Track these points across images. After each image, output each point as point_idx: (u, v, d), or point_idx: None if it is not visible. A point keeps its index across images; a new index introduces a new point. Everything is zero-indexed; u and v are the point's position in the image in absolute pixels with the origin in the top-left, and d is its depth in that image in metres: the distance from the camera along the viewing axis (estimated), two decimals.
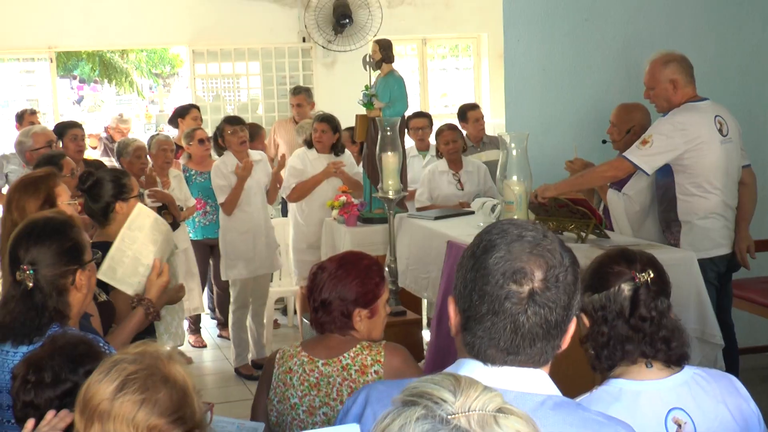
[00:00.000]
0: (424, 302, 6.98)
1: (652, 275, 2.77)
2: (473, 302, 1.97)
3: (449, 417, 1.41)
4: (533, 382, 1.99)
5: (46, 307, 3.25)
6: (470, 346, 2.01)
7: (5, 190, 8.17)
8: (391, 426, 1.44)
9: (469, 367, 2.01)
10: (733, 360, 5.68)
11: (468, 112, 9.40)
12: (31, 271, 3.26)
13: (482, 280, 1.96)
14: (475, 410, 1.42)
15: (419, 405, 1.44)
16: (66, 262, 3.30)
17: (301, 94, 9.96)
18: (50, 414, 2.48)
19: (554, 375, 2.05)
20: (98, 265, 3.67)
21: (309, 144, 8.20)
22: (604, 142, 6.44)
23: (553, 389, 2.01)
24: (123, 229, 4.37)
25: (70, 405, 2.43)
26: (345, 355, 3.41)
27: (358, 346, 3.42)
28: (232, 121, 8.14)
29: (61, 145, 8.29)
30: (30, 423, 2.48)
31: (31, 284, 3.25)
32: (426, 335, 6.43)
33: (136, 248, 4.28)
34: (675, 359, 2.71)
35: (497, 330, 1.95)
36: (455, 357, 4.86)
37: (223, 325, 9.14)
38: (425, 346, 6.22)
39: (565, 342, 2.03)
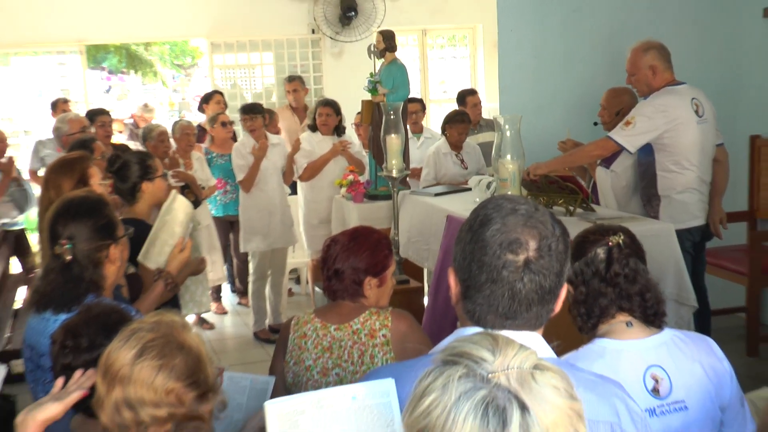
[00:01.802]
0: (425, 272, 6.99)
1: (622, 238, 2.81)
2: (472, 272, 1.99)
3: (489, 375, 1.42)
4: (530, 345, 1.93)
5: (83, 278, 3.29)
6: (471, 313, 2.03)
7: (41, 172, 8.23)
8: (434, 384, 1.44)
9: (471, 333, 1.96)
10: (705, 320, 5.78)
11: (466, 97, 9.39)
12: (69, 246, 3.28)
13: (480, 251, 1.97)
14: (514, 368, 1.43)
15: (460, 364, 1.45)
16: (101, 237, 3.34)
17: (295, 81, 10.00)
18: (78, 373, 2.49)
19: (547, 338, 2.08)
20: (130, 240, 3.70)
21: (313, 128, 8.24)
22: (595, 124, 6.47)
23: (548, 351, 2.03)
24: (160, 216, 4.40)
25: None
26: (355, 320, 3.43)
27: (367, 312, 3.44)
28: (246, 110, 8.15)
29: (93, 130, 8.32)
30: (59, 381, 2.49)
31: (69, 257, 3.28)
32: (426, 302, 6.46)
33: (167, 232, 4.31)
34: (652, 315, 2.74)
35: (496, 297, 1.96)
36: (451, 322, 4.90)
37: (242, 293, 9.19)
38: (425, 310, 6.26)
39: (558, 306, 2.05)
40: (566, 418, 1.42)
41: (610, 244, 2.78)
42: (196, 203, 7.43)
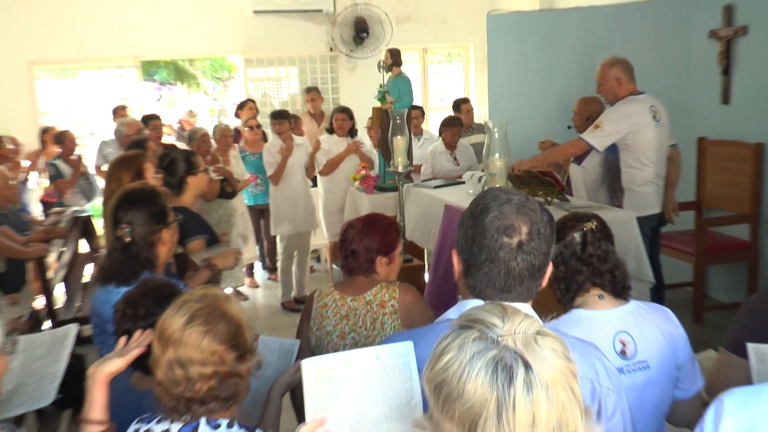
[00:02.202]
0: (425, 252, 7.00)
1: (595, 224, 2.80)
2: (474, 253, 2.00)
3: (499, 338, 1.45)
4: None
5: (140, 257, 3.31)
6: (472, 288, 2.04)
7: (104, 167, 8.23)
8: (451, 345, 1.46)
9: (471, 305, 2.00)
10: (660, 293, 5.78)
11: (461, 104, 9.37)
12: (129, 229, 3.31)
13: (480, 235, 1.98)
14: (519, 333, 1.46)
15: (474, 329, 1.47)
16: (155, 223, 3.36)
17: (313, 92, 9.90)
18: (137, 333, 2.50)
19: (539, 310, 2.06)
20: (180, 226, 3.69)
21: (330, 131, 8.25)
22: (569, 127, 6.48)
23: (537, 318, 2.02)
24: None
25: None
26: (368, 292, 3.41)
27: (379, 285, 3.43)
28: (275, 115, 8.17)
29: (146, 132, 8.32)
30: (122, 340, 2.50)
31: (128, 239, 3.30)
32: (427, 277, 6.46)
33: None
34: (620, 289, 2.72)
35: (493, 274, 1.98)
36: (448, 293, 4.86)
37: (271, 270, 9.18)
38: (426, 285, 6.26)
39: (545, 281, 2.07)
40: (563, 377, 1.43)
41: (585, 229, 2.77)
42: (233, 194, 7.44)
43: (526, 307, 2.01)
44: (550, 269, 2.07)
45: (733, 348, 2.82)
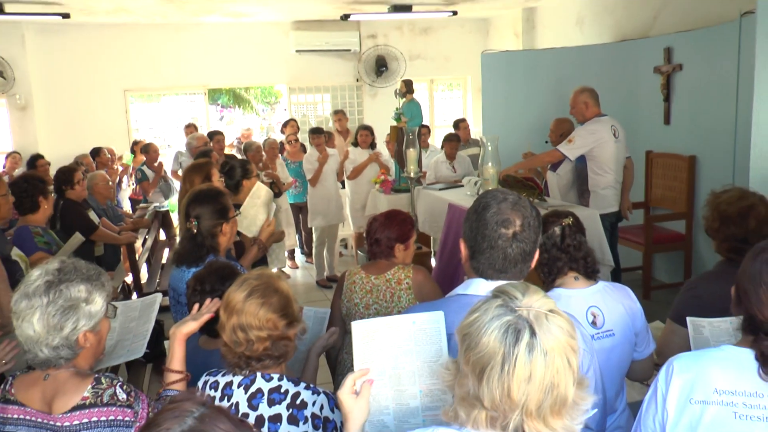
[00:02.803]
0: (432, 240, 6.95)
1: (571, 220, 2.76)
2: (477, 241, 2.00)
3: (516, 308, 1.45)
4: None
5: (204, 245, 3.27)
6: (476, 269, 2.04)
7: (180, 172, 8.25)
8: (480, 307, 1.49)
9: (476, 282, 2.04)
10: (617, 275, 5.76)
11: (459, 123, 9.37)
12: (196, 222, 3.27)
13: (483, 227, 1.98)
14: (534, 307, 1.45)
15: (500, 298, 1.49)
16: (217, 218, 3.30)
17: (339, 113, 9.80)
18: (207, 300, 2.49)
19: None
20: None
21: (355, 144, 8.19)
22: (546, 142, 6.45)
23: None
24: (248, 198, 4.37)
25: None
26: (388, 273, 3.38)
27: (396, 267, 3.39)
28: (314, 131, 8.14)
29: (211, 144, 8.29)
30: (195, 306, 2.49)
31: (195, 231, 3.26)
32: (433, 261, 6.42)
33: (255, 211, 4.29)
34: (591, 272, 2.69)
35: (493, 258, 1.98)
36: (450, 274, 4.78)
37: (308, 254, 9.13)
38: (433, 267, 6.22)
39: (533, 264, 2.06)
40: (562, 348, 1.43)
41: (563, 224, 2.72)
42: (279, 194, 7.44)
43: None
44: (537, 254, 2.05)
45: (676, 319, 2.88)
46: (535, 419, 1.41)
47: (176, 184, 9.11)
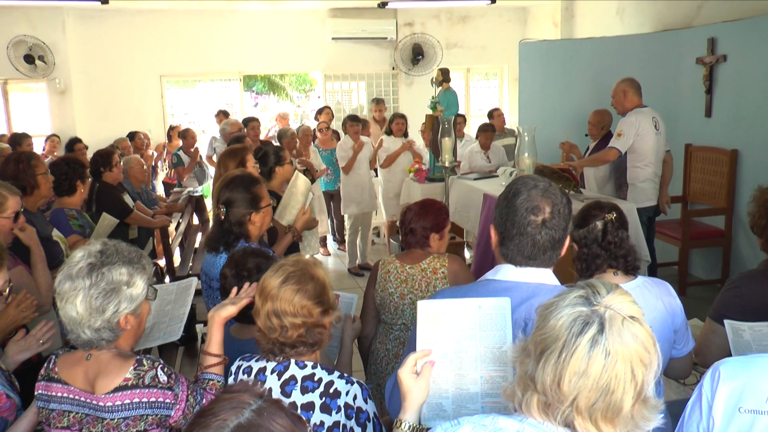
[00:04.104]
0: (464, 232, 6.91)
1: (615, 215, 2.69)
2: (507, 228, 2.00)
3: (595, 303, 1.42)
4: (545, 277, 2.00)
5: (232, 231, 3.23)
6: (505, 255, 2.03)
7: (214, 158, 8.31)
8: (564, 294, 1.47)
9: (505, 268, 2.03)
10: (653, 270, 5.69)
11: (493, 112, 9.30)
12: (224, 209, 3.25)
13: (513, 213, 1.98)
14: (612, 308, 1.41)
15: (585, 289, 1.46)
16: (246, 207, 3.26)
17: (381, 103, 9.84)
18: (246, 285, 2.49)
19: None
20: (273, 209, 3.63)
21: (389, 132, 8.15)
22: (586, 135, 6.41)
23: (557, 282, 2.03)
24: (288, 188, 4.37)
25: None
26: (423, 262, 3.36)
27: (431, 256, 3.37)
28: (352, 118, 8.12)
29: (245, 130, 8.33)
30: (234, 290, 2.48)
31: (222, 217, 3.25)
32: (467, 252, 6.38)
33: (293, 200, 4.28)
34: (631, 269, 2.64)
35: (522, 245, 1.98)
36: (490, 263, 4.81)
37: (340, 242, 9.13)
38: (466, 256, 6.19)
39: (563, 251, 2.04)
40: (629, 356, 1.37)
41: (606, 219, 2.67)
42: (312, 181, 7.43)
43: (548, 273, 2.02)
44: (567, 242, 2.04)
45: (716, 318, 2.80)
46: (586, 419, 1.38)
47: (211, 170, 9.18)
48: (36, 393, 2.15)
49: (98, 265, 2.04)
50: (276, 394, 2.12)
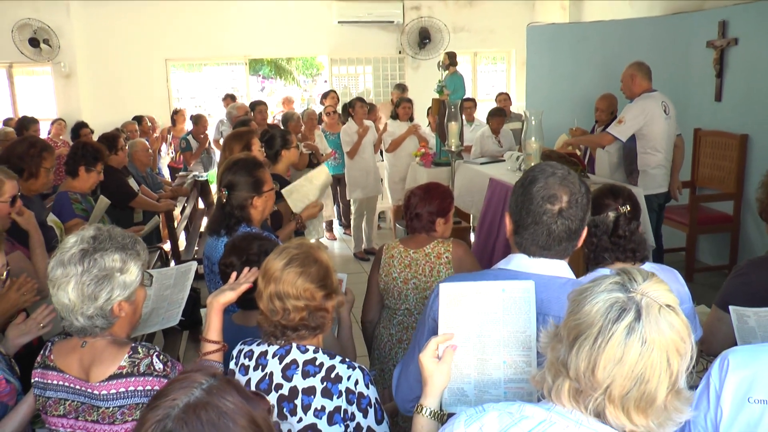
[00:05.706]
0: (471, 217, 6.88)
1: (628, 207, 2.63)
2: (522, 216, 1.91)
3: (631, 289, 1.39)
4: (559, 269, 1.92)
5: (233, 215, 3.21)
6: (519, 245, 1.95)
7: (221, 141, 8.30)
8: (601, 279, 1.44)
9: (518, 258, 1.95)
10: (660, 256, 5.64)
11: (497, 97, 9.24)
12: (226, 192, 3.23)
13: (528, 201, 1.90)
14: (648, 296, 1.38)
15: (621, 275, 1.43)
16: (248, 191, 3.23)
17: (405, 91, 9.72)
18: (245, 270, 2.45)
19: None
20: (277, 194, 3.60)
21: (394, 116, 8.13)
22: (596, 122, 6.30)
23: (571, 274, 1.95)
24: (306, 176, 4.35)
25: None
26: (427, 247, 3.33)
27: (436, 241, 3.34)
28: (361, 100, 8.08)
29: (252, 114, 8.31)
30: (233, 275, 2.45)
31: (224, 200, 3.23)
32: (472, 237, 6.35)
33: (310, 190, 4.26)
34: (638, 260, 2.58)
35: (537, 234, 1.90)
36: (490, 251, 4.72)
37: (346, 226, 9.12)
38: (472, 241, 6.16)
39: (580, 242, 1.96)
40: (665, 345, 1.35)
41: (620, 211, 2.61)
42: (318, 165, 7.39)
43: (562, 264, 1.94)
44: (585, 232, 1.96)
45: (723, 306, 2.73)
46: (618, 408, 1.36)
47: (217, 156, 9.17)
48: (32, 381, 2.14)
49: (90, 251, 2.00)
50: (277, 378, 2.11)
